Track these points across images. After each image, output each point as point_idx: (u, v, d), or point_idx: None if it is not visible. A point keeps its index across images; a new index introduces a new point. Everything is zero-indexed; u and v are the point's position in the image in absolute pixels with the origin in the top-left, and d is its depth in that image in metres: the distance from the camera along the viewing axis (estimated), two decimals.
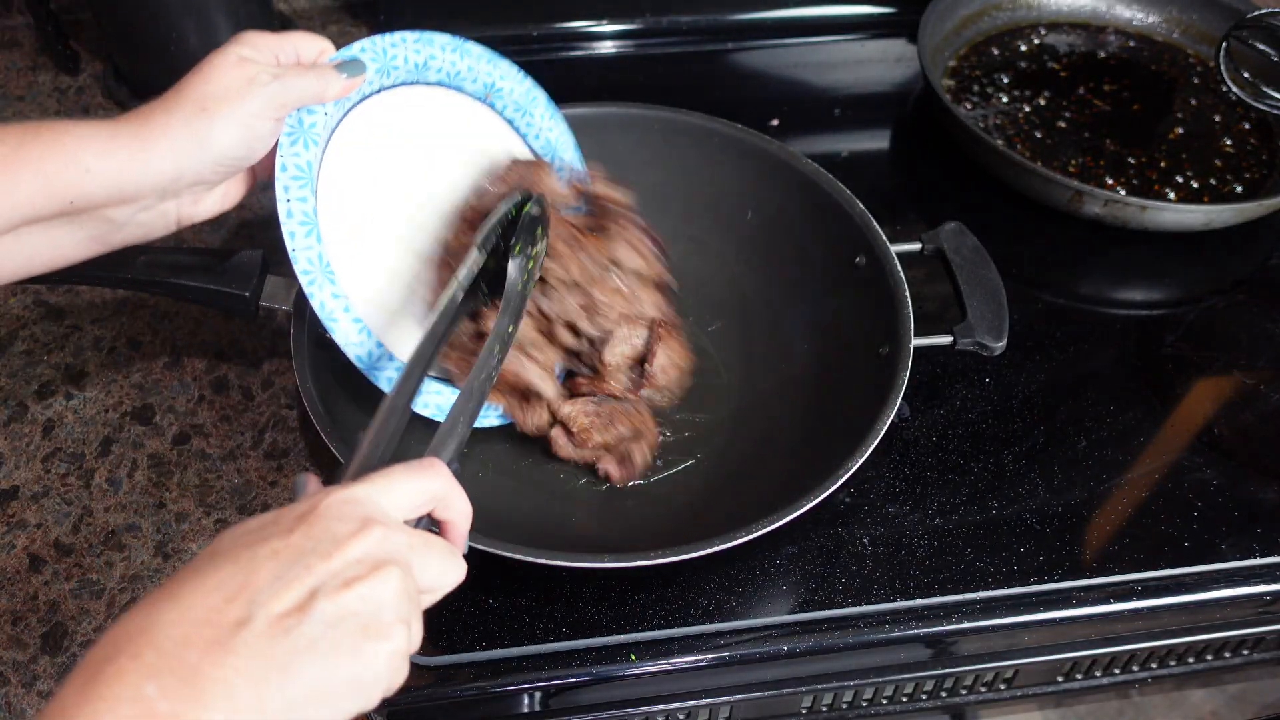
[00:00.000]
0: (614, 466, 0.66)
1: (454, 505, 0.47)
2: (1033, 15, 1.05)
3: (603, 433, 0.66)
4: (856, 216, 0.72)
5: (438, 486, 0.46)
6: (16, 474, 0.67)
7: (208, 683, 0.37)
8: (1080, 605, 0.63)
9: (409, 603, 0.42)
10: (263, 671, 0.38)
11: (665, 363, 0.68)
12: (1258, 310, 0.82)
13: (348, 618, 0.40)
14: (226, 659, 0.37)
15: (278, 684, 0.38)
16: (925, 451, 0.70)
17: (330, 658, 0.39)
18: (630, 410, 0.67)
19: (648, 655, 0.60)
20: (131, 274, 0.64)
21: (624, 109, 0.79)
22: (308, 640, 0.39)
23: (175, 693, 0.36)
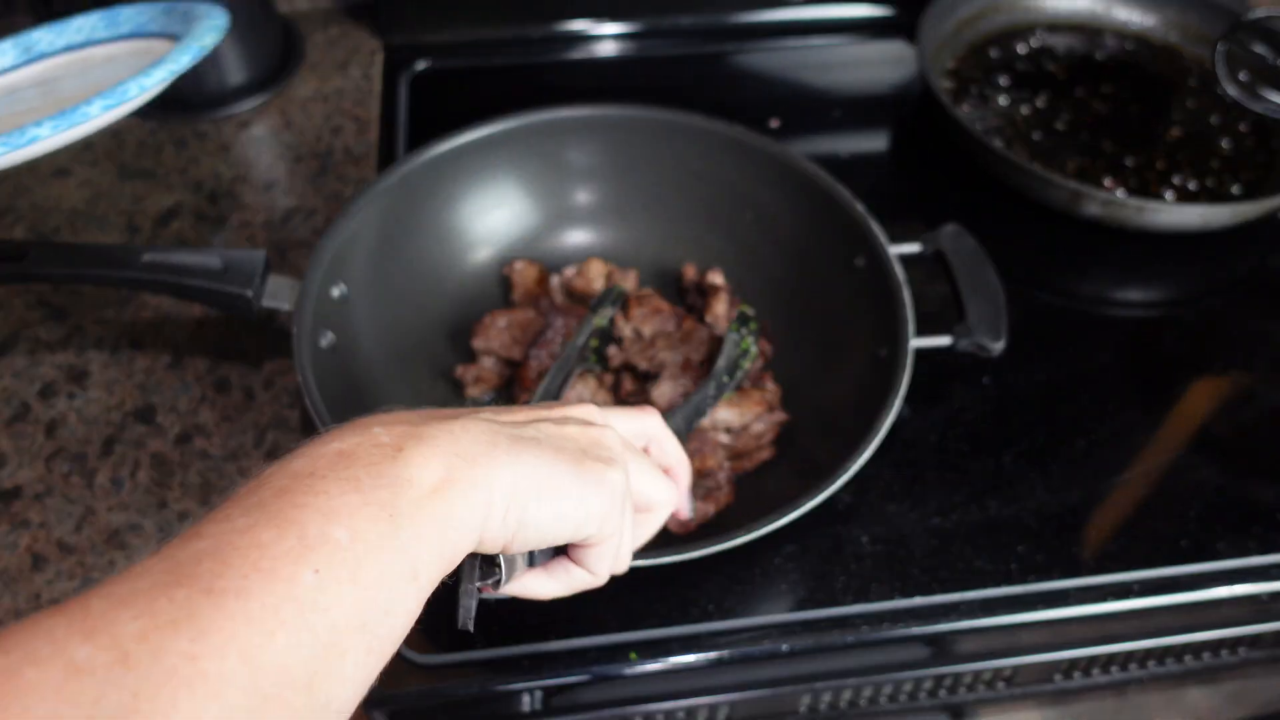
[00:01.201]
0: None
1: (668, 450, 0.51)
2: (1031, 17, 1.05)
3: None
4: (856, 217, 0.72)
5: (653, 427, 0.50)
6: (20, 473, 0.67)
7: (431, 429, 0.38)
8: (1078, 604, 0.63)
9: (624, 498, 0.43)
10: (488, 436, 0.39)
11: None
12: (1256, 310, 0.83)
13: (569, 438, 0.42)
14: (450, 423, 0.39)
15: (505, 452, 0.39)
16: (925, 451, 0.70)
17: (554, 453, 0.40)
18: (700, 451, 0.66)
19: (648, 654, 0.60)
20: (133, 274, 0.64)
21: (624, 109, 0.79)
22: (530, 437, 0.41)
23: (399, 432, 0.37)
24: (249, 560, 0.31)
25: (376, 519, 0.34)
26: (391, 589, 0.34)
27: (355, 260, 0.70)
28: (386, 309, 0.73)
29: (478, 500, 0.37)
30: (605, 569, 0.46)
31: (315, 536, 0.32)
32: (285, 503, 0.33)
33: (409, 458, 0.36)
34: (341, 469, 0.35)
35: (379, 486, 0.35)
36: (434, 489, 0.36)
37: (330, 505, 0.33)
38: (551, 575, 0.46)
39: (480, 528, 0.38)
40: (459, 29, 1.01)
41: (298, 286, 0.65)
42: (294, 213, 0.84)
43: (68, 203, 0.84)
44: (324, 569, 0.32)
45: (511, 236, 0.80)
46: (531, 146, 0.78)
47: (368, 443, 0.36)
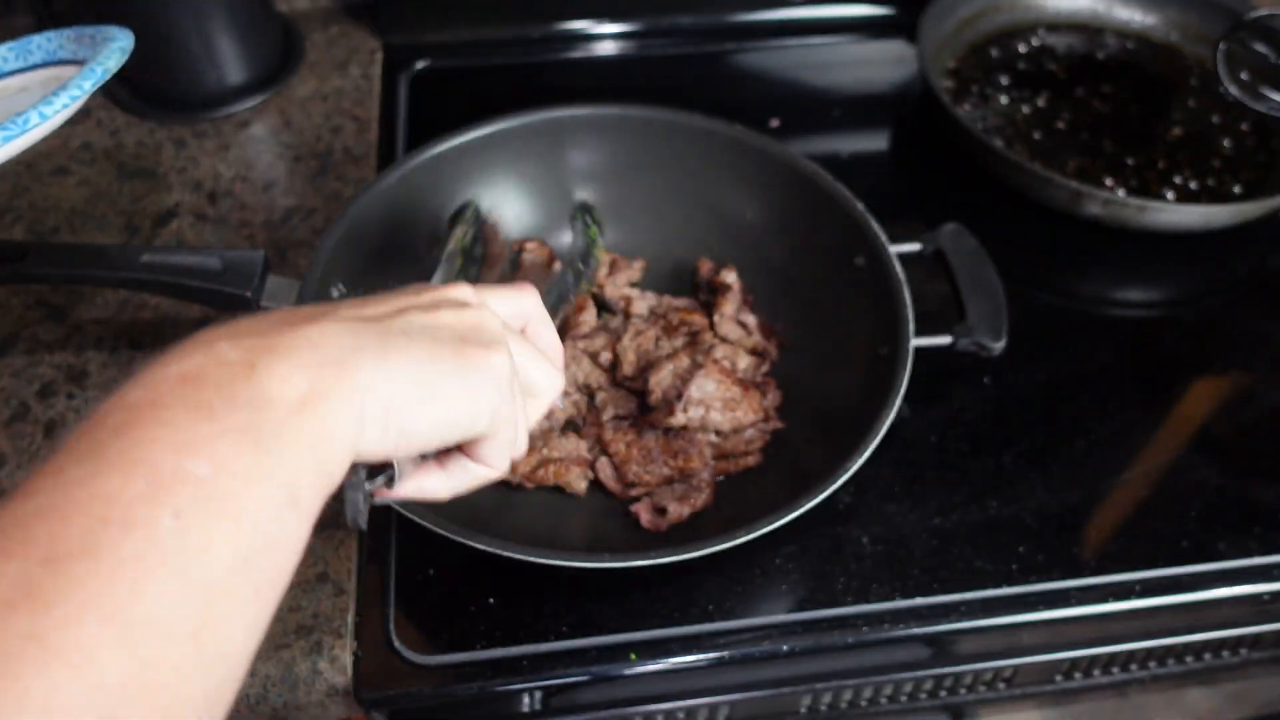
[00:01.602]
0: (646, 511, 0.65)
1: (544, 334, 0.47)
2: (1031, 17, 1.05)
3: (643, 467, 0.66)
4: (856, 216, 0.72)
5: (531, 307, 0.46)
6: (19, 474, 0.67)
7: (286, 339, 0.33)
8: (1079, 604, 0.63)
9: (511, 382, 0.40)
10: (352, 337, 0.35)
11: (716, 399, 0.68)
12: (1256, 310, 0.83)
13: (443, 326, 0.38)
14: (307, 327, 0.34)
15: (373, 354, 0.35)
16: (925, 451, 0.70)
17: (428, 346, 0.37)
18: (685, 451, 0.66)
19: (648, 654, 0.60)
20: (133, 274, 0.64)
21: (624, 109, 0.79)
22: (400, 329, 0.37)
23: (248, 345, 0.33)
24: (93, 515, 0.27)
25: (239, 445, 0.30)
26: (271, 520, 0.31)
27: (355, 260, 0.70)
28: None
29: (349, 413, 0.34)
30: (504, 460, 0.43)
31: (170, 474, 0.29)
32: (127, 441, 0.29)
33: (265, 374, 0.32)
34: (188, 394, 0.31)
35: (235, 410, 0.31)
36: (298, 405, 0.32)
37: (181, 438, 0.30)
38: (448, 473, 0.43)
39: (356, 440, 0.34)
40: (459, 29, 1.01)
41: (297, 286, 0.65)
42: (293, 213, 0.84)
43: (67, 202, 0.84)
44: (186, 509, 0.28)
45: (511, 236, 0.80)
46: (531, 146, 0.78)
47: (214, 361, 0.32)
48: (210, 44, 0.88)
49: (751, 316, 0.74)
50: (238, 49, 0.90)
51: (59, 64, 0.71)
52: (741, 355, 0.72)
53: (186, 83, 0.90)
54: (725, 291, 0.74)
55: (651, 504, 0.65)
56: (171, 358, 0.32)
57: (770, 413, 0.69)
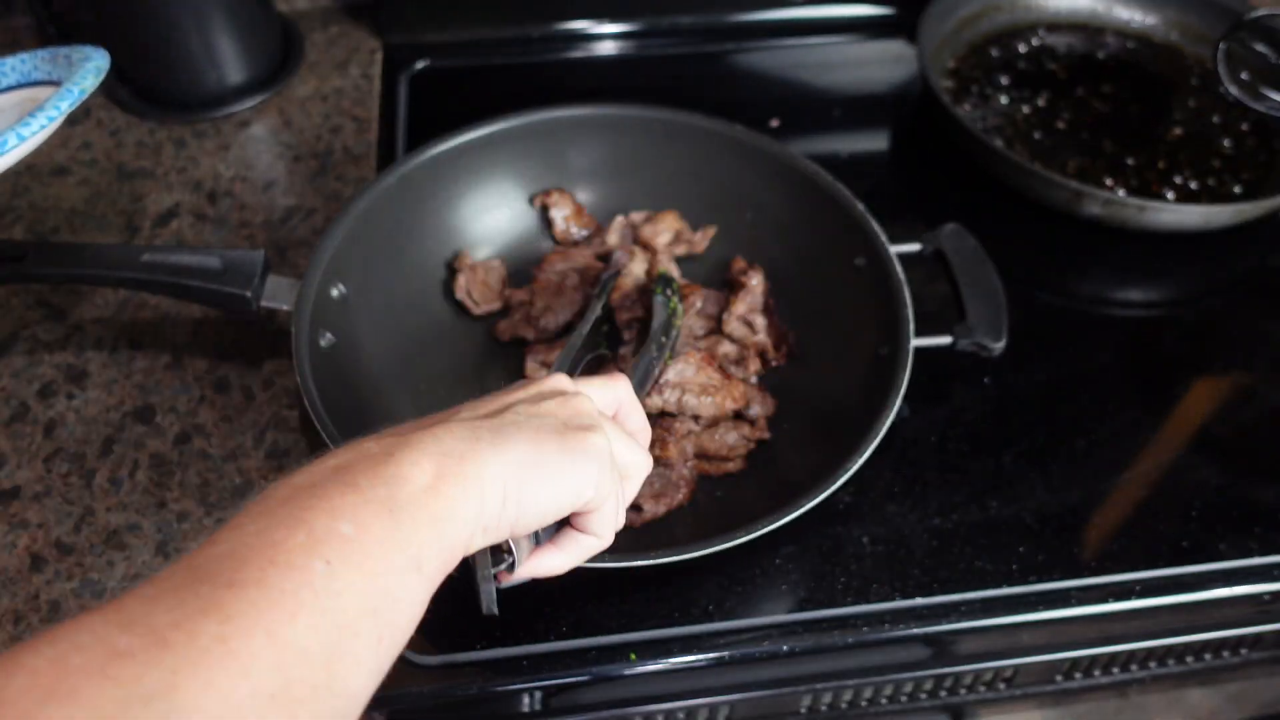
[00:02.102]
0: None
1: (634, 418, 0.52)
2: (1031, 16, 1.05)
3: None
4: (856, 217, 0.72)
5: (623, 394, 0.52)
6: (18, 474, 0.67)
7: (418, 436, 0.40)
8: (1079, 605, 0.63)
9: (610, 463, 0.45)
10: (469, 432, 0.41)
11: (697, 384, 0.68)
12: (1256, 310, 0.83)
13: (547, 414, 0.44)
14: (433, 428, 0.41)
15: (489, 442, 0.41)
16: (925, 451, 0.70)
17: (535, 433, 0.43)
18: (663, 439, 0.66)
19: (648, 654, 0.60)
20: (133, 274, 0.64)
21: (624, 109, 0.79)
22: (511, 422, 0.43)
23: (388, 443, 0.40)
24: (265, 556, 0.34)
25: (378, 514, 0.37)
26: (398, 578, 0.37)
27: (355, 260, 0.70)
28: (386, 309, 0.73)
29: (471, 493, 0.39)
30: (609, 529, 0.48)
31: (323, 531, 0.35)
32: (292, 507, 0.36)
33: (400, 460, 0.39)
34: (340, 477, 0.38)
35: (376, 485, 0.37)
36: (427, 486, 0.38)
37: (333, 505, 0.36)
38: (561, 549, 0.48)
39: (478, 518, 0.40)
40: (459, 29, 1.01)
41: (297, 286, 0.65)
42: (293, 212, 0.84)
43: (67, 202, 0.84)
44: (334, 559, 0.35)
45: (511, 236, 0.80)
46: (531, 146, 0.78)
47: (361, 454, 0.39)
48: (210, 44, 0.88)
49: (763, 319, 0.74)
50: (238, 49, 0.90)
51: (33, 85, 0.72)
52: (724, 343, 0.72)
53: (186, 83, 0.90)
54: (741, 290, 0.74)
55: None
56: (329, 455, 0.40)
57: (760, 423, 0.69)
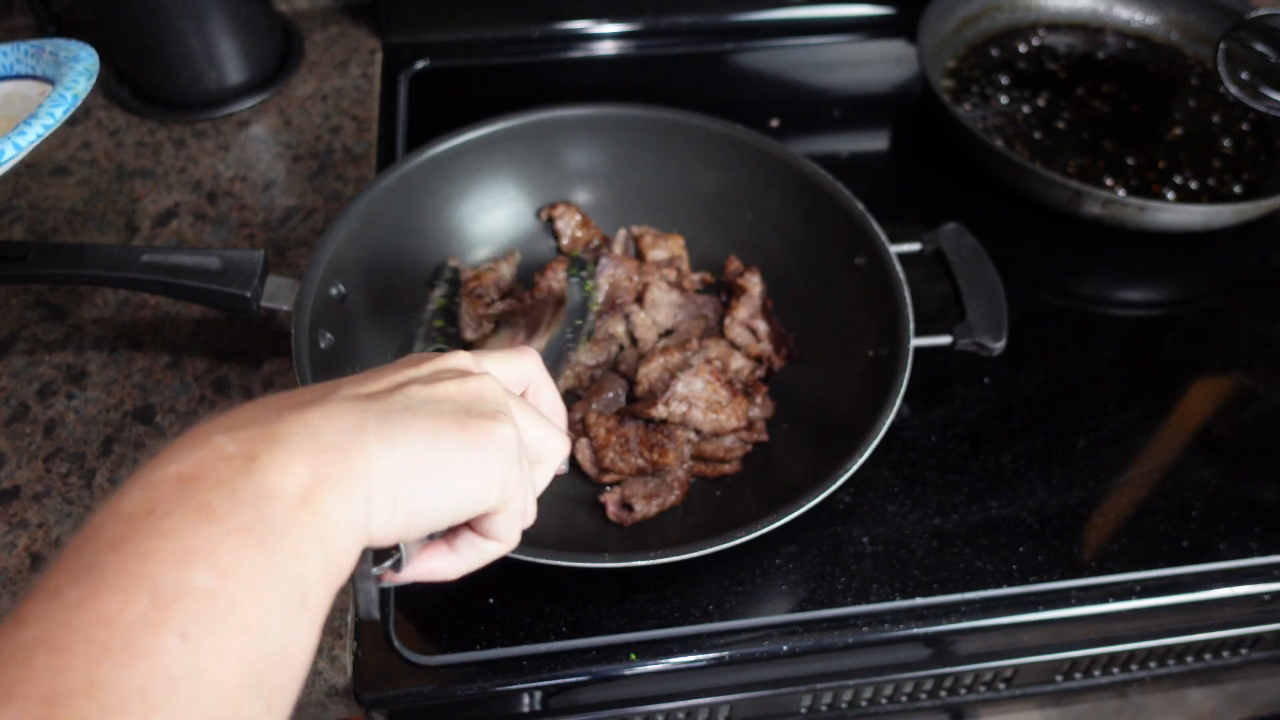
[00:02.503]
0: (613, 504, 0.65)
1: (546, 396, 0.46)
2: (1032, 16, 1.05)
3: (619, 455, 0.66)
4: (856, 216, 0.72)
5: (532, 370, 0.45)
6: (18, 474, 0.67)
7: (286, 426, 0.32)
8: (1079, 605, 0.63)
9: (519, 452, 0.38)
10: (354, 418, 0.33)
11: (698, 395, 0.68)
12: (1256, 310, 0.83)
13: (446, 399, 0.37)
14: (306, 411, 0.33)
15: (376, 435, 0.33)
16: (925, 451, 0.70)
17: (431, 421, 0.35)
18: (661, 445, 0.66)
19: (648, 654, 0.60)
20: (133, 274, 0.64)
21: (624, 109, 0.79)
22: (402, 406, 0.35)
23: (246, 437, 0.31)
24: (94, 642, 0.25)
25: (244, 548, 0.29)
26: (279, 626, 0.29)
27: (355, 260, 0.70)
28: (386, 309, 0.73)
29: (356, 499, 0.32)
30: (515, 533, 0.41)
31: (171, 589, 0.27)
32: (126, 555, 0.27)
33: (266, 465, 0.30)
34: (187, 496, 0.29)
35: (237, 508, 0.29)
36: (302, 496, 0.31)
37: (183, 545, 0.28)
38: (456, 551, 0.42)
39: (364, 529, 0.33)
40: (459, 29, 1.01)
41: (297, 286, 0.65)
42: (293, 212, 0.84)
43: (66, 202, 0.84)
44: (192, 628, 0.27)
45: (511, 236, 0.80)
46: (531, 146, 0.78)
47: (212, 457, 0.31)
48: (210, 44, 0.88)
49: (764, 324, 0.74)
50: (238, 49, 0.90)
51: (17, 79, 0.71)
52: (737, 357, 0.72)
53: (186, 83, 0.90)
54: (741, 295, 0.74)
55: (621, 497, 0.65)
56: (167, 457, 0.31)
57: (758, 425, 0.69)
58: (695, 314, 0.75)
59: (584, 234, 0.79)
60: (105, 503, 0.30)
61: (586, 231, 0.79)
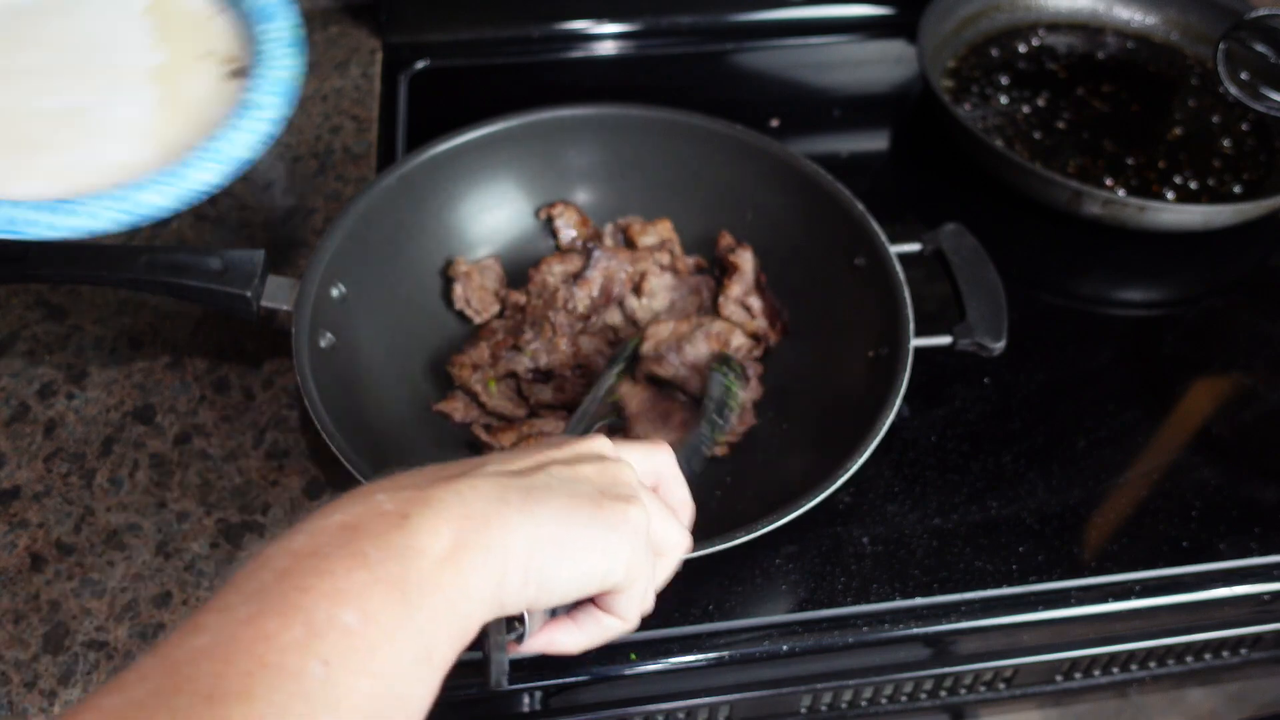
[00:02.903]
0: None
1: (676, 492, 0.48)
2: (1032, 16, 1.05)
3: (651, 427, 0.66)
4: (856, 216, 0.72)
5: (665, 465, 0.47)
6: (18, 474, 0.67)
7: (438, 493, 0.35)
8: (1079, 604, 0.63)
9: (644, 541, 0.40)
10: (497, 492, 0.36)
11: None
12: (1257, 310, 0.83)
13: (583, 479, 0.39)
14: (457, 482, 0.36)
15: (517, 507, 0.36)
16: (925, 451, 0.70)
17: (568, 500, 0.38)
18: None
19: (648, 654, 0.60)
20: (132, 274, 0.64)
21: (624, 109, 0.79)
22: (543, 484, 0.38)
23: (403, 498, 0.35)
24: (253, 655, 0.29)
25: (388, 597, 0.32)
26: (406, 674, 0.32)
27: (355, 260, 0.70)
28: (386, 309, 0.73)
29: (493, 565, 0.35)
30: (635, 613, 0.43)
31: (323, 622, 0.30)
32: (289, 585, 0.31)
33: (417, 525, 0.34)
34: (346, 543, 0.33)
35: (387, 559, 0.32)
36: (445, 557, 0.33)
37: (337, 586, 0.31)
38: (580, 626, 0.44)
39: (497, 595, 0.35)
40: (459, 28, 1.01)
41: (297, 286, 0.65)
42: (293, 212, 0.84)
43: None
44: (333, 659, 0.30)
45: (511, 236, 0.80)
46: (531, 146, 0.78)
47: (372, 512, 0.34)
48: None
49: (758, 300, 0.74)
50: None
51: None
52: (737, 335, 0.72)
53: None
54: (734, 272, 0.74)
55: None
56: (334, 508, 0.34)
57: (747, 412, 0.70)
58: (690, 293, 0.76)
59: (581, 232, 0.79)
60: (279, 538, 0.33)
61: (584, 230, 0.80)
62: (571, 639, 0.44)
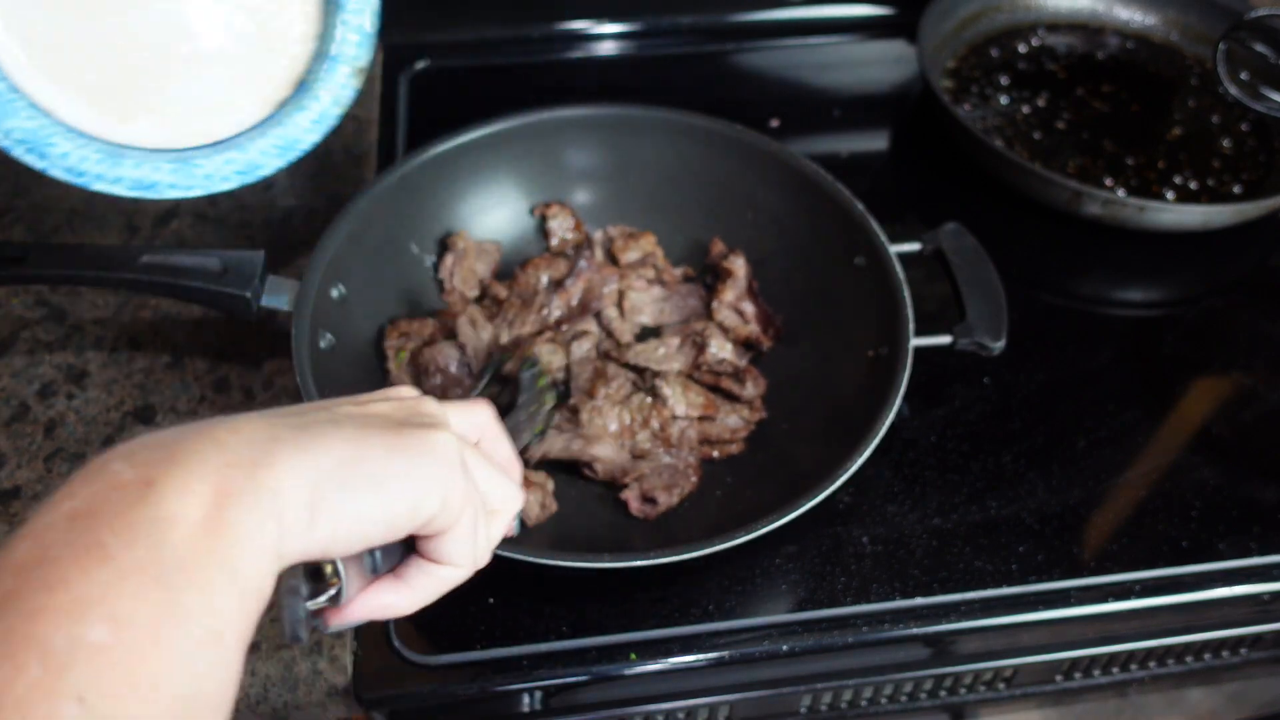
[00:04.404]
0: (634, 499, 0.65)
1: (500, 447, 0.44)
2: (1031, 16, 1.05)
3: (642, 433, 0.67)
4: (856, 216, 0.72)
5: (487, 420, 0.43)
6: (19, 474, 0.67)
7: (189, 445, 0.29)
8: (1079, 604, 0.63)
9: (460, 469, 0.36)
10: (265, 430, 0.31)
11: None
12: (1256, 310, 0.83)
13: (376, 414, 0.35)
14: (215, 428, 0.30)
15: (290, 441, 0.31)
16: (924, 451, 0.70)
17: (359, 429, 0.33)
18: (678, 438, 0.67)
19: (648, 654, 0.60)
20: (132, 274, 0.64)
21: (624, 109, 0.79)
22: (325, 419, 0.33)
23: (144, 459, 0.28)
24: None
25: (141, 591, 0.26)
26: (190, 670, 0.26)
27: (354, 261, 0.70)
28: (386, 310, 0.73)
29: (265, 510, 0.29)
30: (467, 556, 0.38)
31: (65, 650, 0.24)
32: (13, 616, 0.25)
33: (162, 490, 0.28)
34: (77, 536, 0.27)
35: (132, 544, 0.26)
36: (204, 519, 0.28)
37: (73, 597, 0.25)
38: (408, 583, 0.38)
39: (279, 543, 0.30)
40: (459, 29, 1.01)
41: (297, 287, 0.65)
42: (294, 213, 0.84)
43: (66, 202, 0.84)
44: (89, 691, 0.24)
45: (511, 236, 0.80)
46: (531, 146, 0.78)
47: (106, 488, 0.28)
48: None
49: (751, 306, 0.74)
50: None
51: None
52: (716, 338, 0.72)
53: None
54: (728, 278, 0.74)
55: (641, 492, 0.65)
56: (62, 494, 0.28)
57: (756, 403, 0.70)
58: (682, 305, 0.76)
59: (574, 236, 0.79)
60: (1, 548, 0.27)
61: (577, 234, 0.79)
62: (400, 598, 0.38)
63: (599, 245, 0.79)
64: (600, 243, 0.79)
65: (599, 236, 0.80)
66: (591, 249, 0.78)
